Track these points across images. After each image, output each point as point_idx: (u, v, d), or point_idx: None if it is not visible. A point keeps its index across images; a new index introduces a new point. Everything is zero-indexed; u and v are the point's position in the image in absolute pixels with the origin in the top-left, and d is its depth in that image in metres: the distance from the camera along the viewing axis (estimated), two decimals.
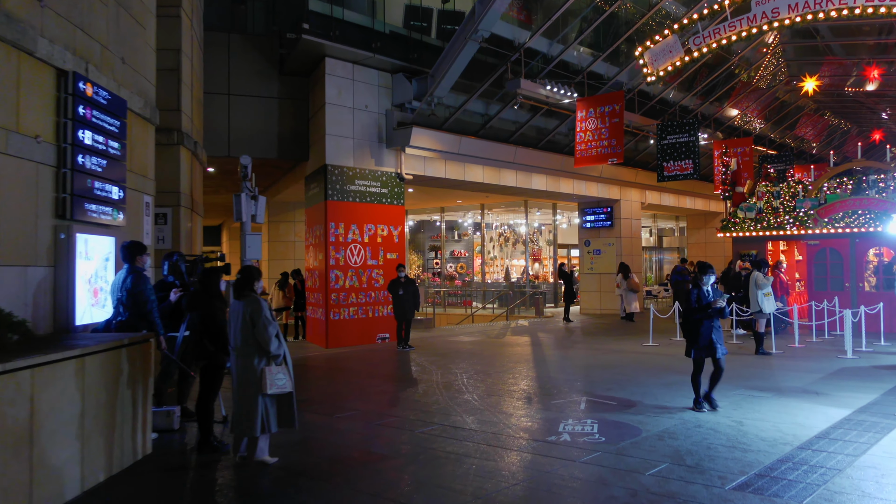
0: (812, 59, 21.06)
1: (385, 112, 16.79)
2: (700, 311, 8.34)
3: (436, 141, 17.00)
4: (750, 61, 21.65)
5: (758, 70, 22.40)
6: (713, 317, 8.33)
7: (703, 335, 8.37)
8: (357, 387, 10.54)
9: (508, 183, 19.90)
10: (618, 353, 13.71)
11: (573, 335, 17.51)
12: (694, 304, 8.41)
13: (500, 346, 15.53)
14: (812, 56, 21.01)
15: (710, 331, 8.36)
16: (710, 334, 8.36)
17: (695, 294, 8.43)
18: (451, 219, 31.24)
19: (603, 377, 10.85)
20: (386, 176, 16.74)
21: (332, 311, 15.61)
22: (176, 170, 11.56)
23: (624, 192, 24.32)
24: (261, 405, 6.30)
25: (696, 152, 17.76)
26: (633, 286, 20.37)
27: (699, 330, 8.36)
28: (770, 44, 21.12)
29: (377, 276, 16.45)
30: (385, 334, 16.53)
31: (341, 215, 15.84)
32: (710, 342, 8.38)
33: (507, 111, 18.36)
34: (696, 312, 8.38)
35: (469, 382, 10.55)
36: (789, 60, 21.56)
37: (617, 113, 15.81)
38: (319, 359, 13.97)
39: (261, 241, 12.26)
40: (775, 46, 20.64)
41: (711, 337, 8.36)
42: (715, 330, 8.39)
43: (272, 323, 6.34)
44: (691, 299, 8.43)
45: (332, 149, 15.76)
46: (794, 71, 22.34)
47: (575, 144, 16.81)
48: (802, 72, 21.48)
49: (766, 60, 21.76)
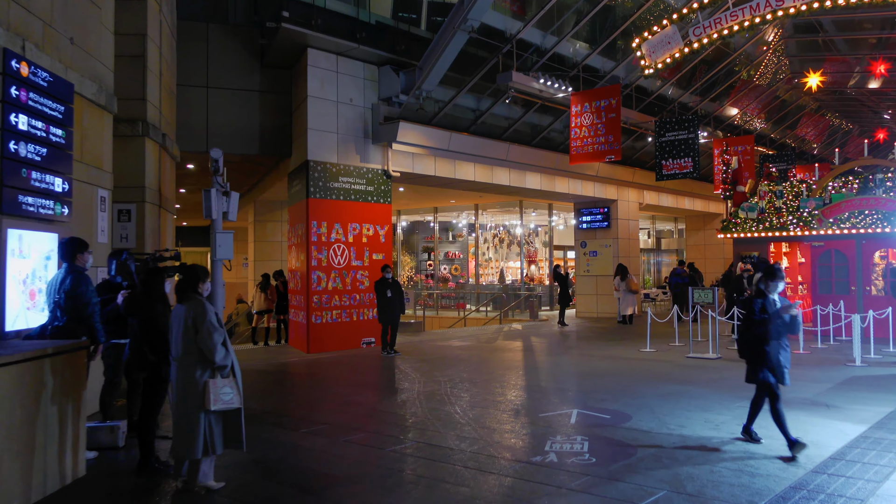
0: (814, 55, 20.34)
1: (371, 106, 16.06)
2: (764, 324, 6.64)
3: (424, 137, 16.27)
4: (751, 57, 20.95)
5: (758, 67, 21.69)
6: (783, 333, 6.71)
7: (770, 355, 6.71)
8: (332, 396, 9.79)
9: (501, 182, 19.17)
10: (613, 360, 12.97)
11: (567, 340, 16.76)
12: (758, 316, 6.70)
13: (490, 351, 14.79)
14: (815, 52, 20.28)
15: (779, 350, 6.74)
16: (779, 354, 6.74)
17: (759, 304, 6.74)
18: (444, 219, 30.52)
19: (596, 387, 10.11)
20: (372, 173, 16.00)
21: (313, 314, 14.86)
22: (140, 163, 10.81)
23: (621, 191, 23.60)
24: (203, 423, 5.55)
25: (695, 150, 17.03)
26: (631, 288, 19.64)
27: (764, 348, 6.69)
28: (771, 41, 20.45)
29: (362, 277, 15.71)
30: (370, 339, 15.79)
31: (324, 214, 15.10)
32: (777, 364, 6.73)
33: (500, 106, 17.63)
34: (759, 326, 6.69)
35: (453, 392, 9.80)
36: (791, 57, 20.84)
37: (614, 108, 15.08)
38: (298, 364, 13.22)
39: (232, 241, 11.50)
40: (777, 42, 19.93)
41: (779, 358, 6.74)
42: (783, 350, 6.77)
43: (218, 329, 5.59)
44: (754, 309, 6.76)
45: (314, 144, 15.02)
46: (796, 67, 21.63)
47: (570, 141, 16.07)
48: (804, 68, 20.76)
49: (766, 58, 21.08)
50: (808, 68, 19.72)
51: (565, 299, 20.00)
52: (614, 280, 20.53)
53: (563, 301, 20.02)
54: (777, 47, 20.27)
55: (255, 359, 14.10)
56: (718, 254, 29.29)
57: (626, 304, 19.75)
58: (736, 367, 11.67)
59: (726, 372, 11.32)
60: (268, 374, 12.16)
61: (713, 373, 11.25)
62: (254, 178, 21.24)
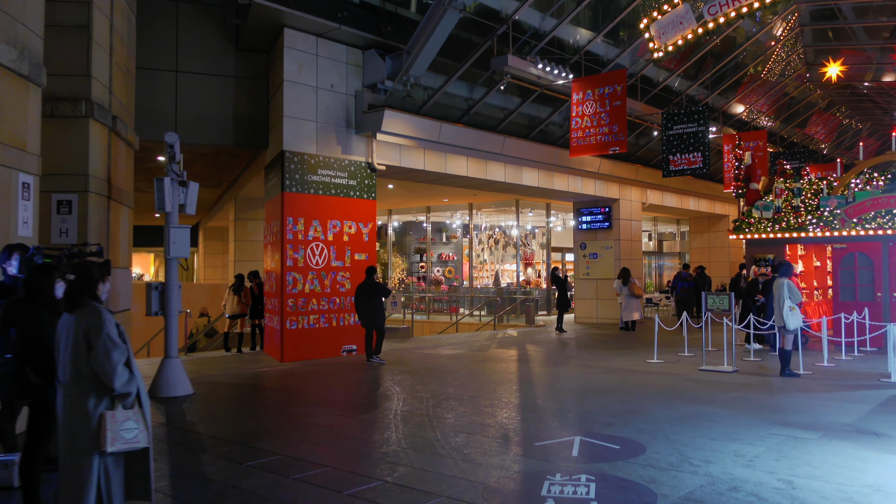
0: (833, 44, 19.07)
1: (354, 93, 14.76)
2: None
3: (412, 127, 14.96)
4: (763, 48, 19.69)
5: (769, 60, 20.43)
6: None
7: None
8: (295, 417, 8.46)
9: (496, 177, 17.85)
10: (618, 373, 11.66)
11: (566, 348, 15.46)
12: None
13: (482, 361, 13.48)
14: (832, 42, 19.01)
15: None
16: None
17: None
18: (437, 220, 29.23)
19: (601, 406, 8.80)
20: (355, 166, 14.70)
21: (288, 319, 13.54)
22: (83, 148, 9.49)
23: (623, 190, 22.31)
24: (96, 469, 4.24)
25: (705, 144, 15.75)
26: (634, 292, 18.34)
27: None
28: (780, 35, 19.23)
29: (343, 279, 14.39)
30: (352, 346, 14.47)
31: (301, 209, 13.79)
32: None
33: (494, 96, 16.34)
34: None
35: (436, 412, 8.49)
36: (807, 47, 19.57)
37: (619, 95, 13.79)
38: (268, 376, 11.89)
39: (188, 237, 10.21)
40: (791, 30, 18.66)
41: None
42: None
43: (119, 346, 4.27)
44: None
45: (290, 133, 13.72)
46: (811, 59, 20.36)
47: (570, 131, 14.78)
48: (819, 60, 19.51)
49: (776, 51, 19.80)
50: (828, 57, 18.43)
51: (563, 304, 18.72)
52: (615, 284, 19.25)
53: (562, 306, 18.73)
54: (791, 37, 19.00)
55: (222, 368, 12.78)
56: (723, 257, 28.03)
57: (630, 310, 18.47)
58: (757, 383, 10.38)
59: (747, 389, 10.02)
60: (230, 387, 10.83)
61: (732, 390, 9.95)
62: (233, 173, 19.92)
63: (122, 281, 11.03)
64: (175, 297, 10.13)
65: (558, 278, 18.92)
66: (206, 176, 20.08)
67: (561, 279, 18.98)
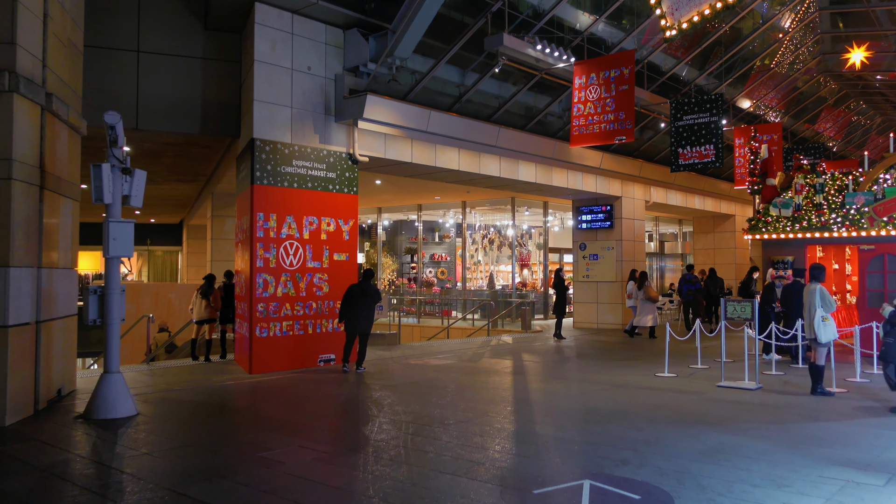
0: (853, 31, 17.74)
1: (334, 77, 13.39)
2: None
3: (398, 114, 13.60)
4: (777, 34, 18.37)
5: (784, 43, 19.07)
6: None
7: None
8: (246, 450, 7.08)
9: (490, 172, 16.49)
10: (626, 390, 10.32)
11: (566, 358, 14.13)
12: None
13: (473, 373, 12.12)
14: (853, 28, 17.69)
15: None
16: None
17: None
18: (429, 218, 27.89)
19: (611, 435, 7.44)
20: (334, 157, 13.33)
21: (257, 325, 12.16)
22: (5, 127, 8.10)
23: (626, 187, 20.98)
24: None
25: (718, 135, 14.42)
26: (650, 296, 17.02)
27: None
28: (800, 13, 17.91)
29: (320, 282, 13.02)
30: (330, 355, 13.12)
31: (273, 204, 12.42)
32: None
33: (488, 82, 15.00)
34: None
35: (414, 442, 7.13)
36: (824, 33, 18.24)
37: (626, 79, 12.47)
38: (230, 391, 10.51)
39: (131, 233, 8.81)
40: (808, 13, 17.33)
41: None
42: None
43: None
44: None
45: (261, 119, 12.34)
46: (828, 48, 19.05)
47: (571, 119, 13.43)
48: (836, 48, 18.19)
49: (793, 32, 18.48)
50: (851, 43, 17.10)
51: (562, 308, 17.39)
52: (627, 286, 17.95)
53: (560, 311, 17.40)
54: (808, 22, 17.68)
55: (182, 381, 11.39)
56: (729, 258, 26.72)
57: (645, 315, 17.11)
58: (787, 404, 9.04)
59: (778, 412, 8.68)
60: (183, 406, 9.44)
61: (761, 412, 8.62)
62: (208, 166, 18.53)
63: (62, 283, 9.65)
64: (117, 303, 8.75)
65: (562, 280, 17.64)
66: (180, 169, 18.71)
67: (562, 280, 17.68)
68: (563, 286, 17.69)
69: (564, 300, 17.80)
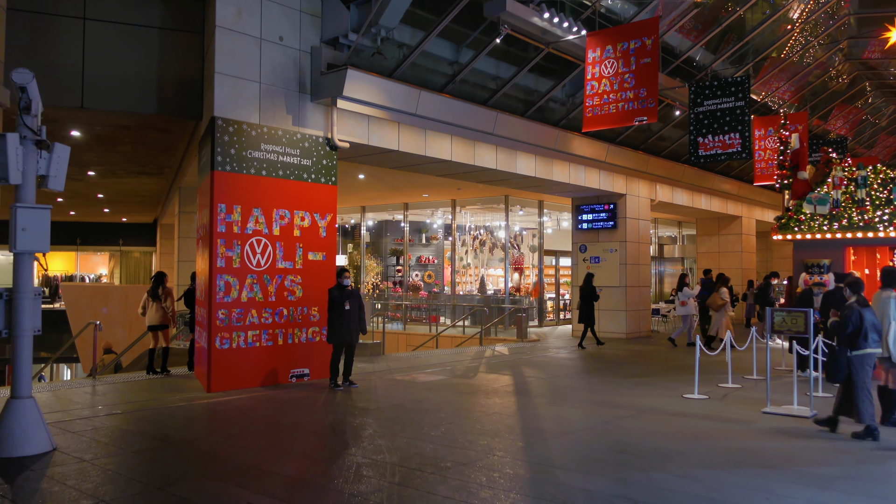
0: (886, 10, 16.19)
1: (310, 49, 11.66)
2: None
3: (383, 94, 11.88)
4: (801, 16, 16.80)
5: (810, 22, 17.47)
6: None
7: None
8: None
9: (486, 163, 14.78)
10: (655, 417, 8.63)
11: (574, 374, 12.46)
12: None
13: (469, 393, 10.39)
14: (887, 8, 16.16)
15: None
16: None
17: None
18: (417, 218, 26.15)
19: (658, 487, 5.73)
20: (310, 141, 11.57)
21: (217, 335, 10.38)
22: None
23: (630, 184, 19.35)
24: None
25: (745, 122, 12.78)
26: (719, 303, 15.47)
27: None
28: (798, 18, 16.45)
29: (292, 284, 11.25)
30: (303, 370, 11.35)
31: (237, 194, 10.65)
32: None
33: (485, 60, 13.33)
34: None
35: (401, 497, 5.40)
36: (856, 14, 16.70)
37: (649, 51, 10.81)
38: (177, 418, 8.70)
39: (47, 222, 7.00)
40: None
41: None
42: None
43: None
44: None
45: (224, 95, 10.58)
46: (854, 32, 17.48)
47: (584, 98, 11.75)
48: (864, 31, 16.66)
49: (818, 13, 16.91)
50: (884, 23, 15.57)
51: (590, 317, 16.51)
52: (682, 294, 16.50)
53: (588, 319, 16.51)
54: (834, 5, 16.13)
55: (127, 401, 9.58)
56: (734, 263, 25.14)
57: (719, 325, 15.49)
58: (862, 445, 7.33)
59: (855, 448, 7.02)
60: (116, 437, 7.61)
61: (836, 451, 6.95)
62: (172, 157, 16.67)
63: None
64: (29, 310, 6.94)
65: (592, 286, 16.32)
66: (141, 160, 16.84)
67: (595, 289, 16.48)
68: (593, 293, 16.34)
69: (593, 308, 16.55)
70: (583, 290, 16.71)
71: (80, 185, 21.09)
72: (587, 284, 16.65)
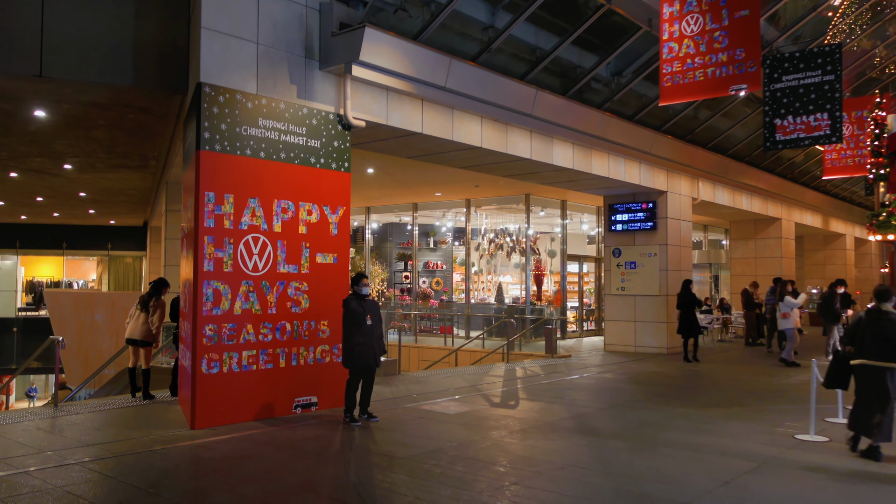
0: None
1: (319, 6, 9.56)
2: None
3: (407, 60, 9.78)
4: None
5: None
6: None
7: None
8: None
9: (519, 152, 12.67)
10: (784, 471, 6.52)
11: (638, 401, 10.34)
12: None
13: (519, 431, 8.25)
14: None
15: None
16: None
17: None
18: (426, 220, 24.02)
19: None
20: (318, 118, 9.44)
21: (204, 357, 8.23)
22: None
23: (672, 180, 17.28)
24: None
25: (835, 100, 10.71)
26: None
27: None
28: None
29: (297, 293, 9.11)
30: (309, 398, 9.21)
31: (229, 180, 8.52)
32: None
33: (524, 27, 11.24)
34: None
35: None
36: None
37: (747, 1, 8.71)
38: (143, 470, 6.54)
39: None
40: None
41: None
42: None
43: None
44: None
45: (212, 56, 8.46)
46: None
47: (660, 64, 9.66)
48: None
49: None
50: None
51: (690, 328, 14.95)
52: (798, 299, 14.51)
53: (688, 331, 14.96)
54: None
55: (86, 442, 7.41)
56: (773, 269, 23.02)
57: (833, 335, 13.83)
58: None
59: None
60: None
61: None
62: (158, 146, 14.54)
63: None
64: None
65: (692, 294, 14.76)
66: (121, 148, 14.67)
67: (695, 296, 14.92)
68: (694, 300, 14.73)
69: (695, 318, 14.87)
70: (680, 297, 14.75)
71: (58, 181, 18.93)
72: (685, 291, 14.69)
